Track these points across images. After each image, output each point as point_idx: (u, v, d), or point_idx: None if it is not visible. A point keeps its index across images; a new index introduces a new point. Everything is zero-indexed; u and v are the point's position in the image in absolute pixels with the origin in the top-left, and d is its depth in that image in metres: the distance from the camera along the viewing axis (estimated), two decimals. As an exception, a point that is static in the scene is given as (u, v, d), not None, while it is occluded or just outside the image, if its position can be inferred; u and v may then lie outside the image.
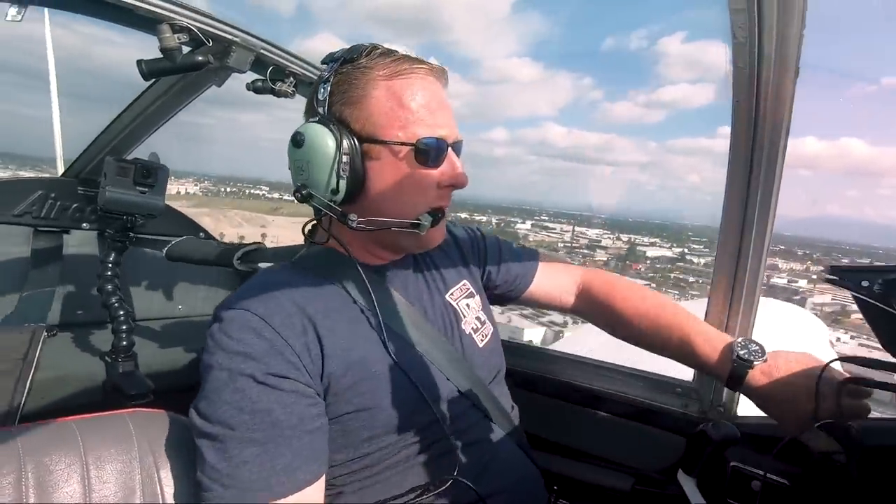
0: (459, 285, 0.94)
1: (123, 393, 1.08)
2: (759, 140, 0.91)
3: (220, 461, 0.63)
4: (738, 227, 0.99)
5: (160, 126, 1.53)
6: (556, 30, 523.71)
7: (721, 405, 1.09)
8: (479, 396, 0.85)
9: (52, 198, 1.49)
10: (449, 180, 0.78)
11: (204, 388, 0.67)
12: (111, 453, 0.67)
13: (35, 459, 0.62)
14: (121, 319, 1.19)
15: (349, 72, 0.75)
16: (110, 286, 1.21)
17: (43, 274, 1.40)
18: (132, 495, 0.66)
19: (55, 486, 0.62)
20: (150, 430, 0.71)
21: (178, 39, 0.99)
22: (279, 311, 0.70)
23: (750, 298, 1.02)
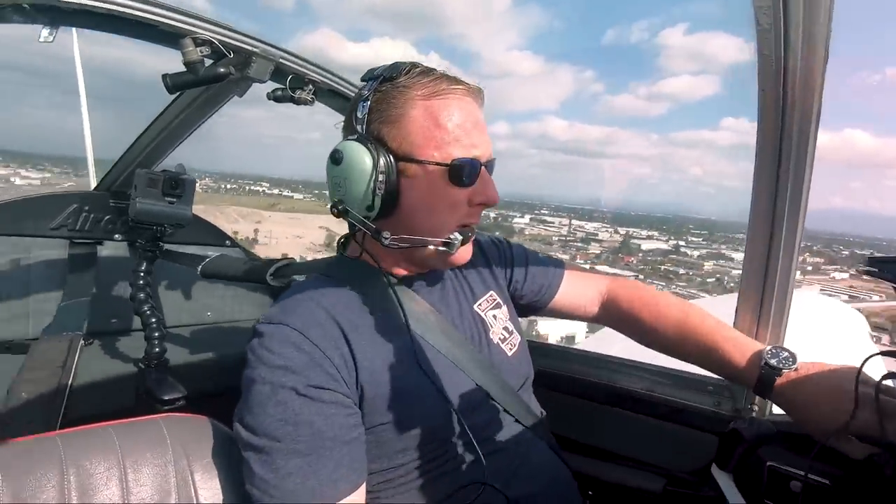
0: (487, 296, 0.95)
1: (156, 398, 1.11)
2: (788, 130, 0.88)
3: (268, 472, 0.65)
4: (767, 223, 0.96)
5: (186, 137, 1.57)
6: (556, 23, 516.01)
7: (755, 403, 1.05)
8: (508, 402, 0.85)
9: (85, 210, 1.55)
10: (481, 199, 0.79)
11: (248, 401, 0.69)
12: (147, 457, 0.69)
13: (76, 464, 0.64)
14: (153, 327, 1.22)
15: (388, 90, 0.77)
16: (142, 294, 1.25)
17: (79, 284, 1.45)
18: (168, 497, 0.68)
19: (95, 490, 0.64)
20: (183, 434, 0.73)
21: (200, 52, 1.02)
22: (315, 324, 0.73)
23: (782, 295, 0.98)
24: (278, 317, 0.73)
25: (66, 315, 1.36)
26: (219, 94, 1.36)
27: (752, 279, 1.01)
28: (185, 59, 1.01)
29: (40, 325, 1.36)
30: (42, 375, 1.08)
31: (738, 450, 0.92)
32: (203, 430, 0.75)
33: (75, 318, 1.35)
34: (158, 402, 1.11)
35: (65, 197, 1.54)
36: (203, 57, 1.03)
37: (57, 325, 1.34)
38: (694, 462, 1.08)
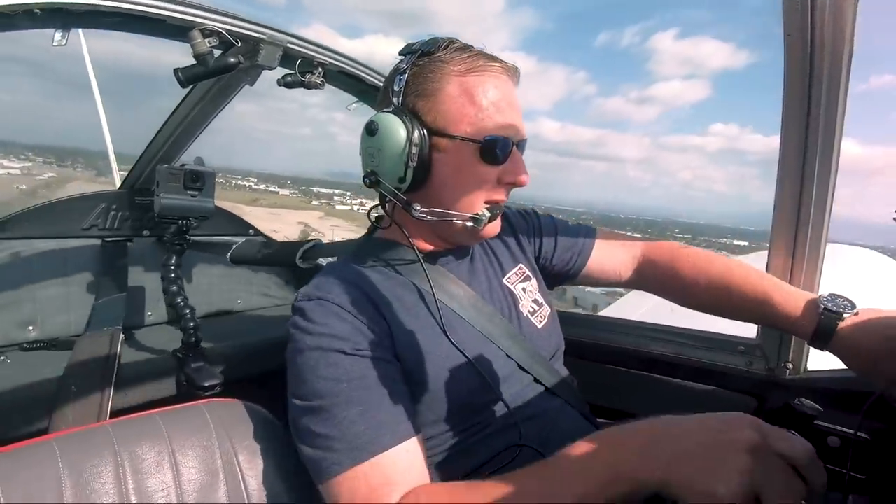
0: (516, 269, 0.95)
1: (196, 385, 1.16)
2: (818, 74, 0.83)
3: (330, 428, 0.66)
4: (797, 174, 0.92)
5: (202, 130, 1.58)
6: (548, 24, 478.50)
7: (789, 361, 1.04)
8: (540, 372, 0.86)
9: (113, 210, 1.59)
10: (510, 178, 0.80)
11: (298, 372, 0.71)
12: (192, 441, 0.72)
13: (129, 450, 0.67)
14: (187, 317, 1.26)
15: (425, 64, 0.77)
16: (175, 287, 1.29)
17: (113, 281, 1.51)
18: (216, 478, 0.71)
19: (148, 473, 0.67)
20: (225, 418, 0.76)
21: (209, 44, 1.02)
22: (352, 299, 0.75)
23: (816, 244, 0.95)
24: (317, 293, 0.75)
25: (105, 311, 1.42)
26: (230, 84, 1.37)
27: (784, 228, 0.97)
28: (195, 52, 1.01)
29: (81, 322, 1.42)
30: (88, 369, 1.13)
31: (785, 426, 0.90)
32: (242, 413, 0.78)
33: (113, 314, 1.41)
34: (199, 389, 1.15)
35: (93, 198, 1.59)
36: (212, 48, 1.03)
37: (97, 321, 1.39)
38: None
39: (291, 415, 0.71)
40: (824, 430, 0.89)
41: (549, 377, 0.87)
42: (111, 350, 1.21)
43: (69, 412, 1.03)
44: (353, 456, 0.65)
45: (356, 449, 0.65)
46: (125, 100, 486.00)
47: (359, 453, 0.65)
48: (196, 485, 0.70)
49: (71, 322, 1.45)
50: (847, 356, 0.79)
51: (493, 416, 0.79)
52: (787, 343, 1.04)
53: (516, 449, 0.75)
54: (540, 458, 0.76)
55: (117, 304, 1.44)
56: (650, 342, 1.23)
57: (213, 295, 1.78)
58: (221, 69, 1.07)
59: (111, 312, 1.41)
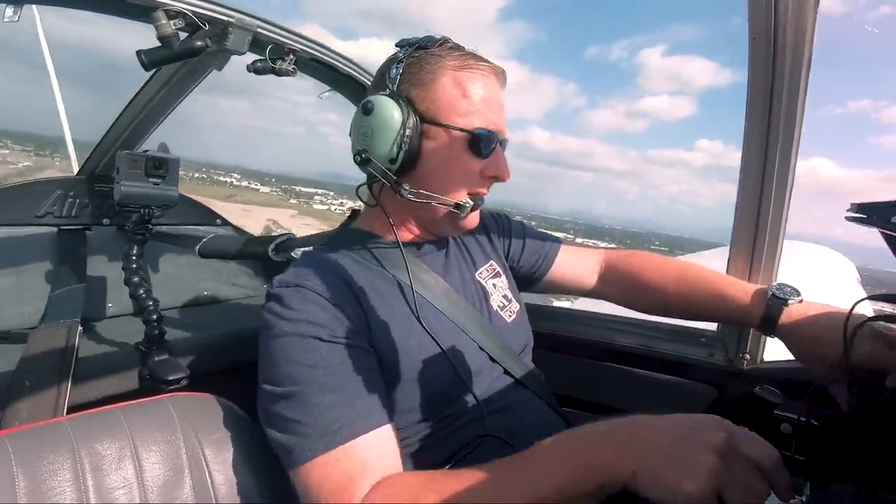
0: (487, 265, 0.99)
1: (160, 379, 1.12)
2: (780, 72, 0.88)
3: (302, 414, 0.66)
4: (758, 172, 0.96)
5: (166, 116, 1.53)
6: (541, 36, 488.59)
7: (747, 352, 1.08)
8: (510, 364, 0.88)
9: (70, 196, 1.52)
10: (493, 172, 0.84)
11: (272, 358, 0.70)
12: (156, 436, 0.70)
13: (87, 447, 0.65)
14: (150, 309, 1.22)
15: (422, 56, 0.81)
16: (136, 278, 1.24)
17: (71, 271, 1.44)
18: (181, 474, 0.69)
19: (109, 470, 0.65)
20: (191, 412, 0.74)
21: (174, 26, 0.98)
22: (330, 286, 0.75)
23: (773, 241, 1.00)
24: (294, 280, 0.75)
25: (62, 302, 1.36)
26: (197, 68, 1.32)
27: (744, 226, 1.02)
28: (159, 34, 0.97)
29: (36, 314, 1.36)
30: (44, 363, 1.08)
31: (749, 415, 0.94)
32: (209, 407, 0.77)
33: (71, 305, 1.35)
34: (163, 383, 1.12)
35: (48, 183, 1.51)
36: (177, 30, 0.99)
37: (53, 313, 1.33)
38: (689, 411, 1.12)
39: (261, 401, 0.70)
40: (778, 418, 0.94)
41: (518, 369, 0.89)
42: (68, 343, 1.16)
43: (23, 408, 0.98)
44: (325, 441, 0.64)
45: (329, 434, 0.65)
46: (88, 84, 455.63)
47: (331, 439, 0.64)
48: (160, 481, 0.68)
49: (25, 314, 1.39)
50: (790, 341, 0.87)
51: (464, 407, 0.80)
52: (745, 335, 1.08)
53: (480, 439, 0.76)
54: (508, 448, 0.78)
55: (75, 295, 1.38)
56: (617, 335, 1.26)
57: (178, 286, 1.72)
58: (187, 53, 1.03)
59: (69, 304, 1.35)
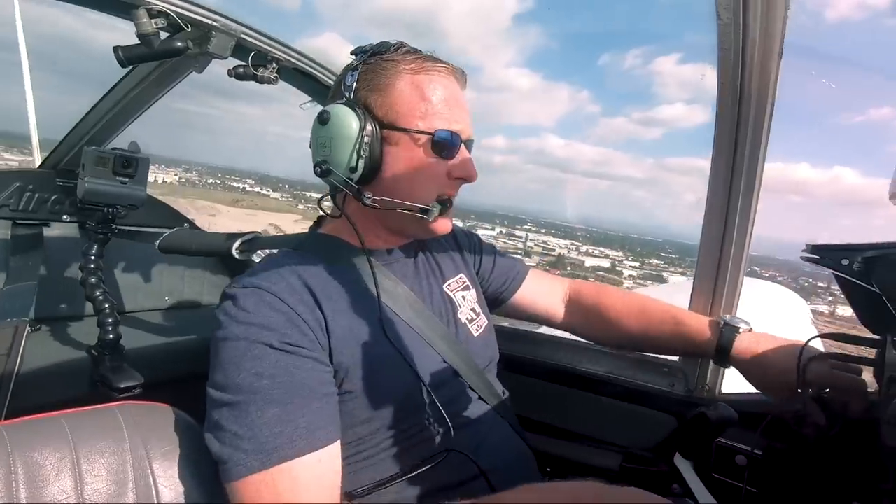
0: (456, 278, 0.98)
1: (111, 386, 1.07)
2: (745, 118, 0.93)
3: (241, 427, 0.63)
4: (722, 208, 1.01)
5: (140, 114, 1.49)
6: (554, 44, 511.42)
7: (706, 384, 1.11)
8: (473, 380, 0.87)
9: (29, 189, 1.46)
10: (459, 173, 0.82)
11: (220, 361, 0.68)
12: (101, 447, 0.66)
13: (24, 455, 0.61)
14: (106, 312, 1.17)
15: (377, 62, 0.80)
16: (94, 279, 1.19)
17: (23, 267, 1.37)
18: (124, 488, 0.66)
19: (46, 481, 0.61)
20: (141, 422, 0.71)
21: (155, 25, 0.96)
22: (290, 289, 0.73)
23: (734, 278, 1.04)
24: (252, 281, 0.73)
25: (11, 300, 1.29)
26: (176, 69, 1.30)
27: (707, 263, 1.06)
28: (139, 32, 0.95)
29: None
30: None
31: (701, 435, 0.97)
32: (162, 417, 0.73)
33: (20, 303, 1.28)
34: (114, 391, 1.07)
35: (6, 174, 1.45)
36: (158, 30, 0.98)
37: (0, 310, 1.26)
38: (649, 440, 1.14)
39: (207, 406, 0.68)
40: (731, 449, 0.96)
41: (482, 386, 0.88)
42: (13, 344, 1.10)
43: None
44: (261, 459, 0.62)
45: (265, 452, 0.62)
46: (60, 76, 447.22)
47: (267, 457, 0.62)
48: (102, 494, 0.64)
49: None
50: (744, 368, 0.93)
51: (426, 420, 0.79)
52: (704, 367, 1.11)
53: (446, 453, 0.76)
54: (471, 464, 0.77)
55: (26, 294, 1.31)
56: (583, 360, 1.27)
57: (140, 289, 1.66)
58: (167, 53, 1.02)
59: (18, 302, 1.28)
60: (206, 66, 1.20)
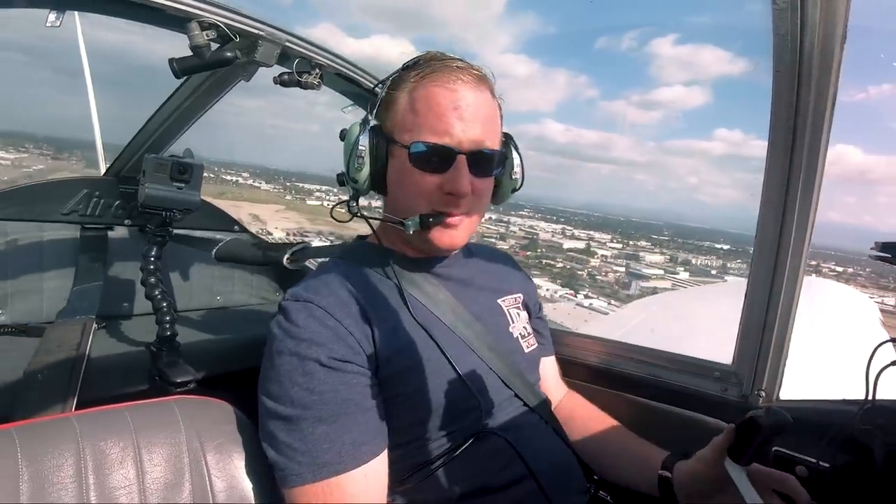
0: (514, 296, 0.99)
1: (168, 381, 1.13)
2: (803, 107, 0.87)
3: (295, 440, 0.69)
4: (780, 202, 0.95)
5: (193, 122, 1.57)
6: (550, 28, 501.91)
7: (762, 389, 1.05)
8: (516, 384, 0.87)
9: (96, 196, 1.56)
10: (448, 187, 0.78)
11: (273, 372, 0.73)
12: (160, 438, 0.70)
13: (92, 444, 0.65)
14: (164, 311, 1.23)
15: (395, 77, 0.82)
16: (153, 279, 1.26)
17: (90, 269, 1.47)
18: (181, 478, 0.69)
19: (111, 469, 0.65)
20: (196, 416, 0.74)
21: (206, 36, 1.01)
22: (338, 302, 0.76)
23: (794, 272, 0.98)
24: (304, 295, 0.77)
25: (79, 299, 1.38)
26: (226, 78, 1.36)
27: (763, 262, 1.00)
28: (192, 44, 1.00)
29: (54, 309, 1.39)
30: (57, 358, 1.10)
31: (754, 441, 0.92)
32: (215, 412, 0.77)
33: (88, 302, 1.37)
34: (171, 385, 1.13)
35: (75, 182, 1.55)
36: (209, 41, 1.02)
37: (70, 308, 1.35)
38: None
39: (260, 412, 0.73)
40: (791, 460, 0.90)
41: (527, 393, 0.88)
42: (82, 339, 1.18)
43: (33, 401, 1.00)
44: (314, 472, 0.68)
45: (318, 466, 0.68)
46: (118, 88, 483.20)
47: (319, 471, 0.68)
48: (160, 483, 0.68)
49: (43, 308, 1.41)
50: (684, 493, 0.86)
51: (468, 423, 0.80)
52: (761, 370, 1.05)
53: (480, 434, 0.78)
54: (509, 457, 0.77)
55: (92, 293, 1.40)
56: (630, 362, 1.23)
57: (193, 290, 1.75)
58: (217, 63, 1.06)
59: (85, 301, 1.37)
60: (254, 75, 1.25)
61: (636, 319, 2.96)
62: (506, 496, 0.78)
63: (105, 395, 1.16)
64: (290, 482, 0.68)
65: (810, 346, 1.06)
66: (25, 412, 0.98)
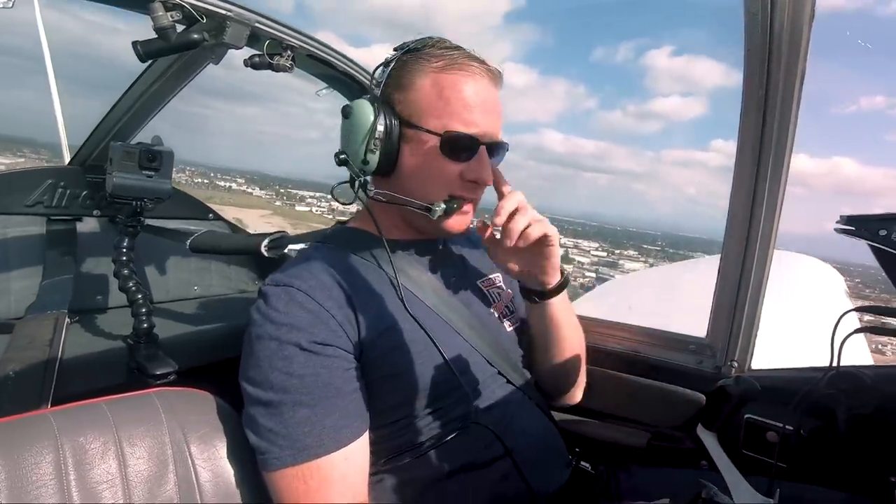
0: (493, 277, 1.00)
1: (147, 373, 1.11)
2: (773, 84, 0.89)
3: (276, 424, 0.69)
4: (751, 179, 0.97)
5: (161, 108, 1.51)
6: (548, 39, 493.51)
7: (735, 360, 1.09)
8: (501, 363, 0.89)
9: (61, 186, 1.50)
10: (472, 175, 0.81)
11: (253, 357, 0.73)
12: (141, 431, 0.69)
13: (71, 440, 0.64)
14: (139, 303, 1.21)
15: (409, 59, 0.81)
16: (126, 270, 1.23)
17: (59, 262, 1.42)
18: (166, 469, 0.69)
19: (92, 464, 0.64)
20: (177, 407, 0.73)
21: (171, 17, 0.97)
22: (320, 286, 0.76)
23: (764, 251, 1.01)
24: (284, 279, 0.76)
25: (49, 293, 1.34)
26: (194, 61, 1.31)
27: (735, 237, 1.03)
28: (156, 25, 0.96)
29: (22, 304, 1.34)
30: (29, 354, 1.07)
31: (724, 409, 0.96)
32: (196, 402, 0.76)
33: (59, 296, 1.33)
34: (150, 377, 1.11)
35: (39, 172, 1.49)
36: (174, 22, 0.98)
37: (40, 303, 1.31)
38: (677, 418, 1.13)
39: (242, 393, 0.73)
40: (762, 425, 0.95)
41: (509, 370, 0.89)
42: (55, 334, 1.15)
43: (6, 399, 0.97)
44: (293, 456, 0.68)
45: (297, 450, 0.68)
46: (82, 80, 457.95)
47: (299, 454, 0.68)
48: (144, 476, 0.67)
49: (11, 304, 1.37)
50: None
51: (452, 402, 0.81)
52: (734, 343, 1.09)
53: (465, 425, 0.79)
54: (498, 443, 0.78)
55: (63, 287, 1.36)
56: (608, 338, 1.26)
57: (169, 280, 1.71)
58: (184, 45, 1.02)
59: (56, 295, 1.33)
60: (223, 57, 1.21)
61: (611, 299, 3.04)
62: (490, 472, 0.80)
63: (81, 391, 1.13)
64: (270, 465, 0.69)
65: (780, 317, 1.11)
66: None
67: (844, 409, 0.81)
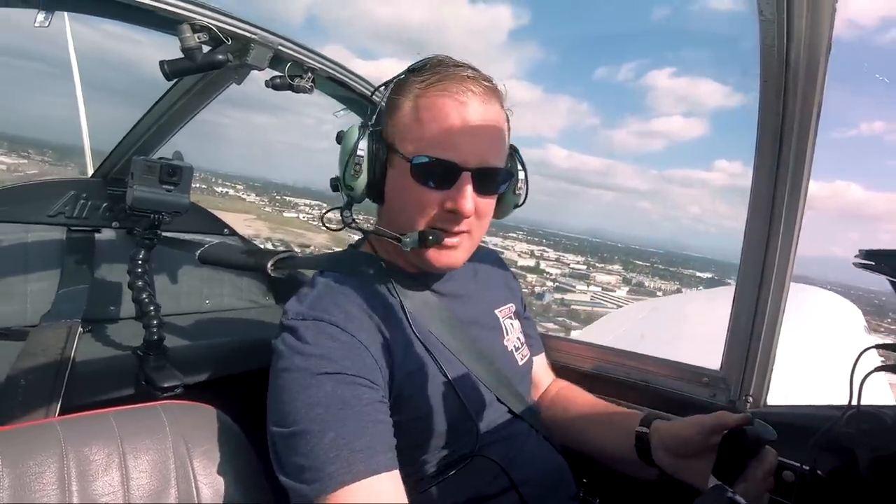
0: (507, 306, 0.98)
1: (155, 385, 1.11)
2: (790, 116, 0.88)
3: (303, 458, 0.62)
4: (767, 209, 0.96)
5: (183, 125, 1.55)
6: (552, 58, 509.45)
7: (750, 394, 1.06)
8: (508, 397, 0.87)
9: (83, 198, 1.54)
10: (450, 204, 0.74)
11: (280, 390, 0.67)
12: (146, 444, 0.69)
13: (76, 450, 0.64)
14: (151, 315, 1.22)
15: (400, 81, 0.78)
16: (141, 282, 1.24)
17: (76, 271, 1.45)
18: (167, 485, 0.68)
19: (95, 475, 0.64)
20: (183, 421, 0.73)
21: (198, 39, 1.00)
22: (351, 317, 0.73)
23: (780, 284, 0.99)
24: (312, 312, 0.73)
25: (64, 302, 1.36)
26: (217, 81, 1.35)
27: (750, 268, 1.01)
28: (183, 46, 0.99)
29: (38, 312, 1.36)
30: (40, 362, 1.08)
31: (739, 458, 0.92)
32: (202, 417, 0.76)
33: (73, 306, 1.35)
34: (157, 390, 1.11)
35: (62, 184, 1.53)
36: (201, 44, 1.02)
37: (55, 312, 1.33)
38: None
39: (271, 444, 0.68)
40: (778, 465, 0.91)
41: (516, 403, 0.88)
42: (67, 343, 1.16)
43: (15, 406, 0.98)
44: (324, 487, 0.61)
45: (328, 479, 0.61)
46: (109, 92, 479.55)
47: (324, 485, 0.61)
48: (146, 489, 0.67)
49: (27, 312, 1.39)
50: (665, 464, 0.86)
51: (465, 440, 0.79)
52: (749, 376, 1.06)
53: (470, 458, 0.76)
54: (503, 476, 0.76)
55: (78, 296, 1.38)
56: (619, 367, 1.24)
57: (181, 294, 1.73)
58: (209, 66, 1.06)
59: (71, 304, 1.35)
60: (245, 78, 1.24)
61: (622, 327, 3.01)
62: None
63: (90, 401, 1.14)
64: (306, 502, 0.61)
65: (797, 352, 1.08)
66: (7, 418, 0.96)
67: (865, 449, 0.77)
